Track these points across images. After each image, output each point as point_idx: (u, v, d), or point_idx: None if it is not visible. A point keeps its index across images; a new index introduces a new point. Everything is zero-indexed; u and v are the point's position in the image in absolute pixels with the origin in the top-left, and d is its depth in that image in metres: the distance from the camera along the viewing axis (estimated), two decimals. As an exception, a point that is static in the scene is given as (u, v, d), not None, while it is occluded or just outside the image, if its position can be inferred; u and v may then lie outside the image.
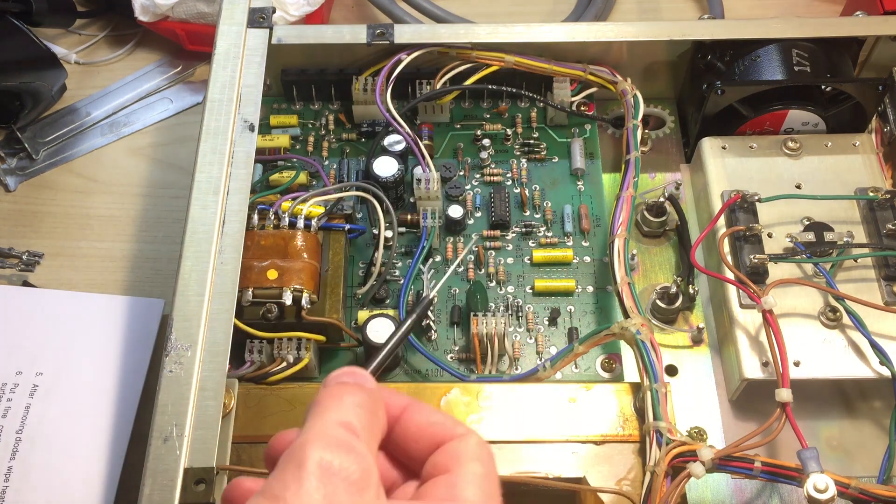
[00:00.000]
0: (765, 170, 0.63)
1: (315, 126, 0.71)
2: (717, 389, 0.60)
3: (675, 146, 0.70)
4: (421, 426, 0.36)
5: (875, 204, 0.61)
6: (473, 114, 0.72)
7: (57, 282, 0.70)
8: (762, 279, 0.58)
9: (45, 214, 0.74)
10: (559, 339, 0.61)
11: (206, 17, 0.77)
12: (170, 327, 0.51)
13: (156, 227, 0.73)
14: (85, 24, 0.85)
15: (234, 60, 0.62)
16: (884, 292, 0.58)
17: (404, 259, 0.64)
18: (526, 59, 0.67)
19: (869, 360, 0.56)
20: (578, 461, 0.52)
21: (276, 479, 0.31)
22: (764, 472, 0.49)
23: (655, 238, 0.66)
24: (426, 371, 0.60)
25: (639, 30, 0.67)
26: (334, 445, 0.32)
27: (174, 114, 0.80)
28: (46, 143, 0.77)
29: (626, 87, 0.66)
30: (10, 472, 0.59)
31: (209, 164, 0.58)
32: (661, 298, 0.61)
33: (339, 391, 0.35)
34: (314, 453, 0.31)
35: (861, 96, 0.65)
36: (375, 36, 0.66)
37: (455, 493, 0.34)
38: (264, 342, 0.56)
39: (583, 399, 0.54)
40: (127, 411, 0.61)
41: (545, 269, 0.64)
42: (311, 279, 0.57)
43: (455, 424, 0.36)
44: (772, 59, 0.65)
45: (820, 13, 0.84)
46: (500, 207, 0.65)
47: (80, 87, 0.81)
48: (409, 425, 0.36)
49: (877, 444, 0.56)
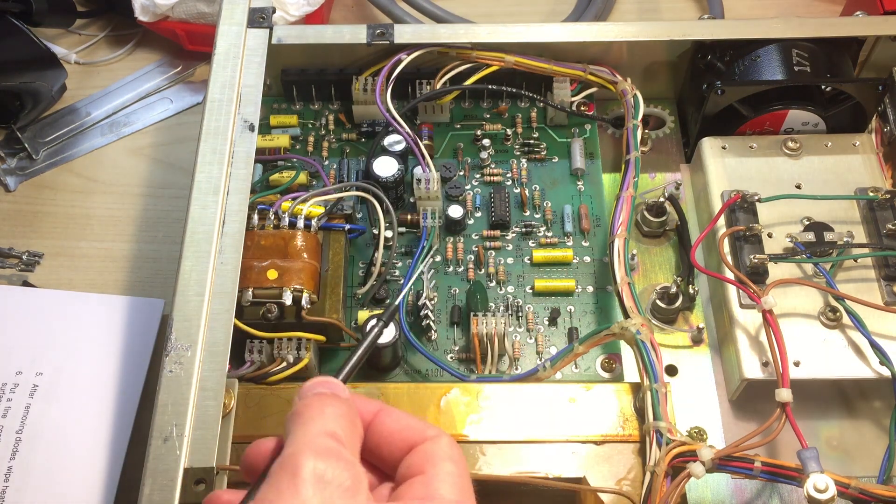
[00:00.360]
0: (765, 170, 0.63)
1: (315, 126, 0.71)
2: (717, 389, 0.60)
3: (675, 146, 0.70)
4: (393, 430, 0.37)
5: (875, 204, 0.61)
6: (473, 114, 0.72)
7: (57, 282, 0.70)
8: (762, 279, 0.58)
9: (45, 214, 0.74)
10: (559, 339, 0.61)
11: (206, 17, 0.77)
12: (170, 327, 0.51)
13: (156, 227, 0.73)
14: (85, 24, 0.85)
15: (234, 60, 0.62)
16: (884, 292, 0.58)
17: (404, 259, 0.64)
18: (526, 59, 0.67)
19: (869, 360, 0.56)
20: (578, 461, 0.52)
21: (270, 488, 0.32)
22: (764, 472, 0.49)
23: (655, 238, 0.66)
24: (426, 371, 0.60)
25: (639, 30, 0.67)
26: (325, 454, 0.33)
27: (174, 114, 0.80)
28: (46, 143, 0.77)
29: (626, 87, 0.66)
30: (10, 472, 0.59)
31: (209, 164, 0.58)
32: (661, 298, 0.61)
33: (318, 402, 0.36)
34: (307, 462, 0.32)
35: (861, 96, 0.65)
36: (375, 36, 0.66)
37: (431, 491, 0.35)
38: (264, 342, 0.56)
39: (583, 399, 0.54)
40: (127, 411, 0.61)
41: (545, 269, 0.64)
42: (311, 279, 0.57)
43: (426, 427, 0.37)
44: (772, 59, 0.65)
45: (820, 13, 0.84)
46: (500, 207, 0.65)
47: (80, 87, 0.81)
48: (382, 430, 0.37)
49: (877, 444, 0.56)
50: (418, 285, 0.61)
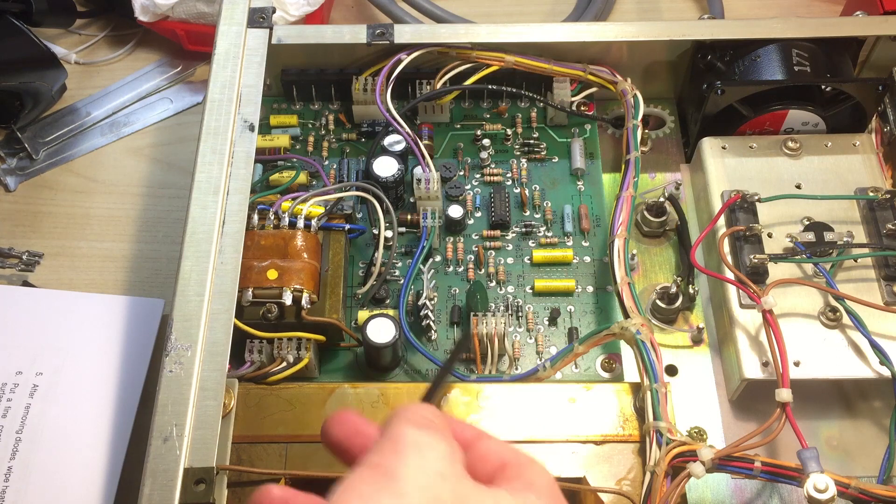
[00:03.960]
0: (765, 170, 0.63)
1: (315, 126, 0.71)
2: (717, 389, 0.59)
3: (675, 146, 0.70)
4: (491, 449, 0.38)
5: (875, 204, 0.61)
6: (473, 114, 0.72)
7: (57, 282, 0.70)
8: (762, 279, 0.58)
9: (45, 214, 0.74)
10: (559, 339, 0.61)
11: (206, 17, 0.77)
12: (170, 327, 0.51)
13: (156, 227, 0.73)
14: (85, 24, 0.85)
15: (234, 60, 0.62)
16: (884, 292, 0.58)
17: (404, 259, 0.64)
18: (526, 59, 0.67)
19: (869, 360, 0.56)
20: (578, 461, 0.52)
21: (374, 453, 0.34)
22: (764, 472, 0.49)
23: (655, 238, 0.66)
24: (426, 371, 0.60)
25: (639, 30, 0.67)
26: (424, 425, 0.35)
27: (174, 114, 0.80)
28: (46, 143, 0.77)
29: (626, 87, 0.66)
30: (9, 472, 0.59)
31: (209, 164, 0.58)
32: (661, 298, 0.61)
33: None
34: (408, 431, 0.34)
35: (861, 96, 0.65)
36: (375, 36, 0.66)
37: (528, 481, 0.36)
38: (264, 342, 0.56)
39: (583, 399, 0.54)
40: (127, 411, 0.61)
41: (545, 269, 0.64)
42: (311, 279, 0.57)
43: (521, 453, 0.38)
44: (772, 59, 0.65)
45: (820, 13, 0.84)
46: (500, 207, 0.65)
47: (80, 87, 0.81)
48: (479, 449, 0.38)
49: (877, 444, 0.56)
50: (418, 285, 0.62)
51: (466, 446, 0.37)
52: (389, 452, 0.34)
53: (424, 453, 0.34)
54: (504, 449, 0.38)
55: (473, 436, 0.38)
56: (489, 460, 0.37)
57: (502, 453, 0.38)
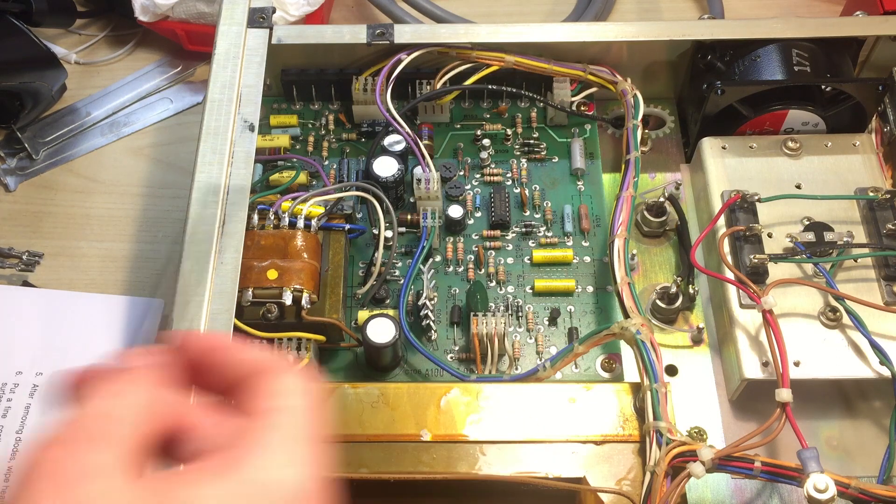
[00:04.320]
0: (765, 170, 0.63)
1: (315, 126, 0.71)
2: (717, 389, 0.59)
3: (675, 146, 0.70)
4: (227, 362, 0.32)
5: (875, 204, 0.61)
6: (473, 114, 0.72)
7: (57, 282, 0.70)
8: (762, 279, 0.58)
9: (45, 214, 0.74)
10: (559, 339, 0.61)
11: (206, 17, 0.77)
12: (170, 327, 0.51)
13: (156, 227, 0.73)
14: (85, 24, 0.85)
15: (234, 60, 0.62)
16: (884, 292, 0.58)
17: (404, 259, 0.64)
18: (526, 59, 0.66)
19: (869, 360, 0.56)
20: (578, 461, 0.52)
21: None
22: (764, 472, 0.49)
23: (655, 238, 0.66)
24: (426, 371, 0.60)
25: (639, 30, 0.67)
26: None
27: (174, 114, 0.80)
28: (46, 143, 0.77)
29: (626, 87, 0.66)
30: (10, 473, 0.59)
31: (209, 164, 0.57)
32: (661, 298, 0.61)
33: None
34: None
35: (861, 96, 0.65)
36: (375, 36, 0.66)
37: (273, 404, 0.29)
38: (264, 342, 0.56)
39: (583, 399, 0.54)
40: (127, 411, 0.61)
41: (545, 269, 0.64)
42: (311, 279, 0.57)
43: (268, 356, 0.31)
44: (772, 59, 0.65)
45: (820, 13, 0.84)
46: (500, 207, 0.65)
47: (80, 87, 0.81)
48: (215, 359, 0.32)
49: (877, 444, 0.56)
50: (418, 285, 0.62)
51: (199, 361, 0.32)
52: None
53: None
54: (245, 358, 0.31)
55: (209, 347, 0.32)
56: (228, 371, 0.31)
57: (242, 365, 0.31)
